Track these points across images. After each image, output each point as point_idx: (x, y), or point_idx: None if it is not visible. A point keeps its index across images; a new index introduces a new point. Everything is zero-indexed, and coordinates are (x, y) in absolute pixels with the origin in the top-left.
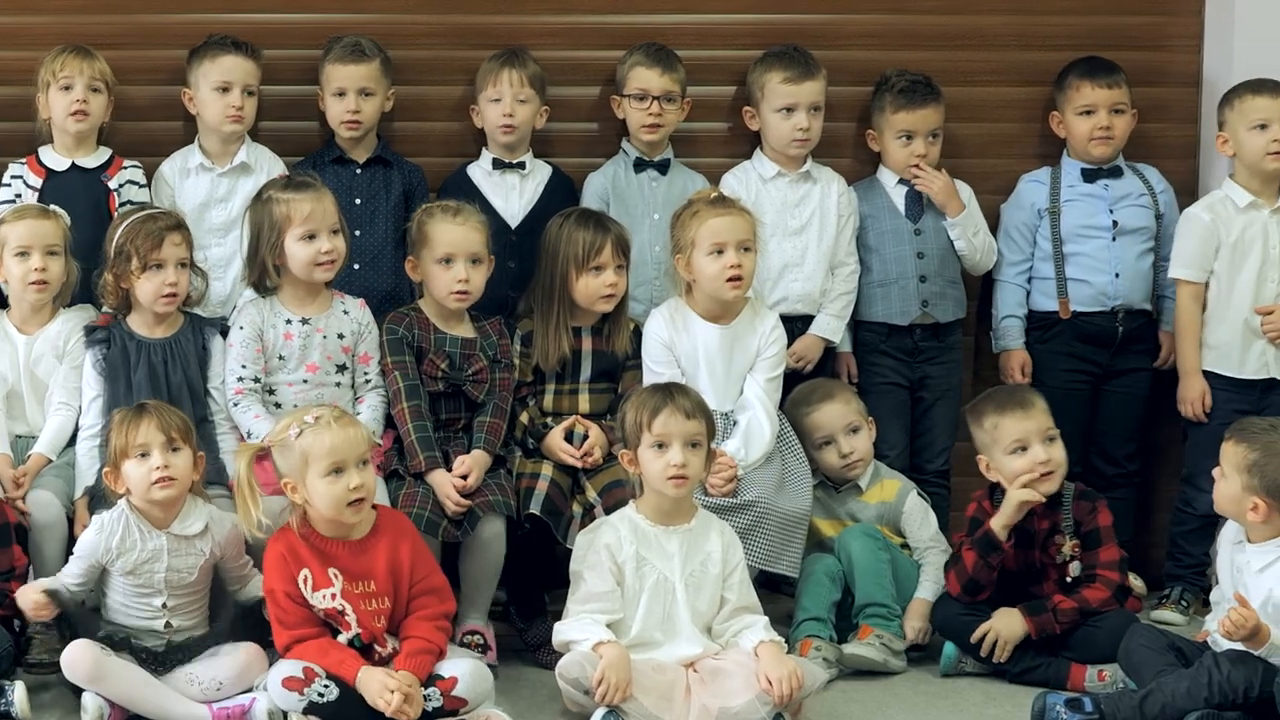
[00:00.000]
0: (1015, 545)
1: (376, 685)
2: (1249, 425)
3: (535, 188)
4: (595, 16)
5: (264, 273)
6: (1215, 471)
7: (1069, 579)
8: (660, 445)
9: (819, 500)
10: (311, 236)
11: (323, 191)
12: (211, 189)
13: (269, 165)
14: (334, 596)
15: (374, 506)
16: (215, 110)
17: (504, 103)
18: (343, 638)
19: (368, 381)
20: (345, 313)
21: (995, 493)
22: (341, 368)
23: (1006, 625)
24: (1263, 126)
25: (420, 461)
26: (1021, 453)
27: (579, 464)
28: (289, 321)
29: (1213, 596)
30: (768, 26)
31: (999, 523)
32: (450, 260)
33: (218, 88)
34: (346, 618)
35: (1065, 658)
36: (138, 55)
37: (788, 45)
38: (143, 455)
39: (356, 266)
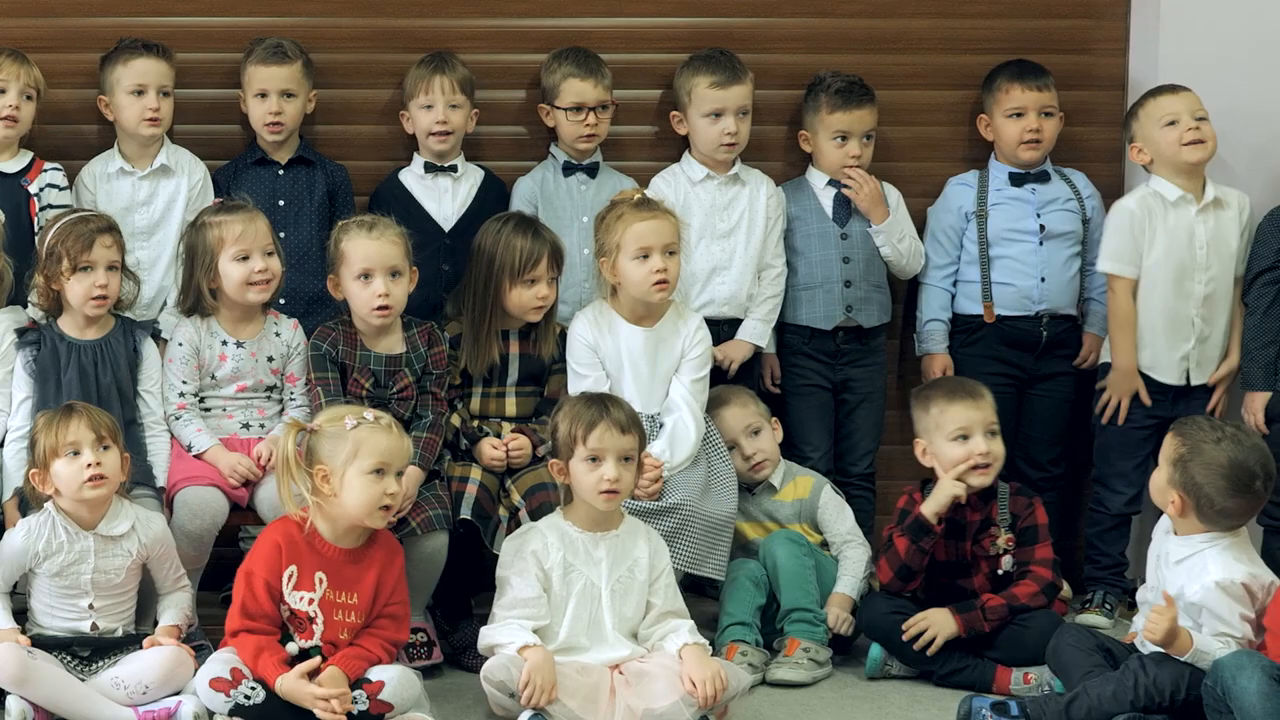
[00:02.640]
0: (946, 536)
1: (308, 699)
2: (1193, 421)
3: (468, 191)
4: (521, 20)
5: (199, 297)
6: (1159, 458)
7: (1000, 572)
8: (594, 459)
9: (740, 507)
10: (245, 257)
11: (255, 213)
12: (133, 193)
13: (189, 167)
14: (310, 602)
15: None
16: (132, 114)
17: (436, 109)
18: (295, 645)
19: (293, 399)
20: (277, 334)
21: (926, 487)
22: (271, 388)
23: (938, 620)
24: (1173, 123)
25: None
26: (963, 441)
27: (501, 463)
28: (224, 343)
29: (1139, 595)
30: (694, 30)
31: (930, 509)
32: (369, 276)
33: (132, 91)
34: (314, 626)
35: (991, 659)
36: (60, 59)
37: (714, 49)
38: (74, 453)
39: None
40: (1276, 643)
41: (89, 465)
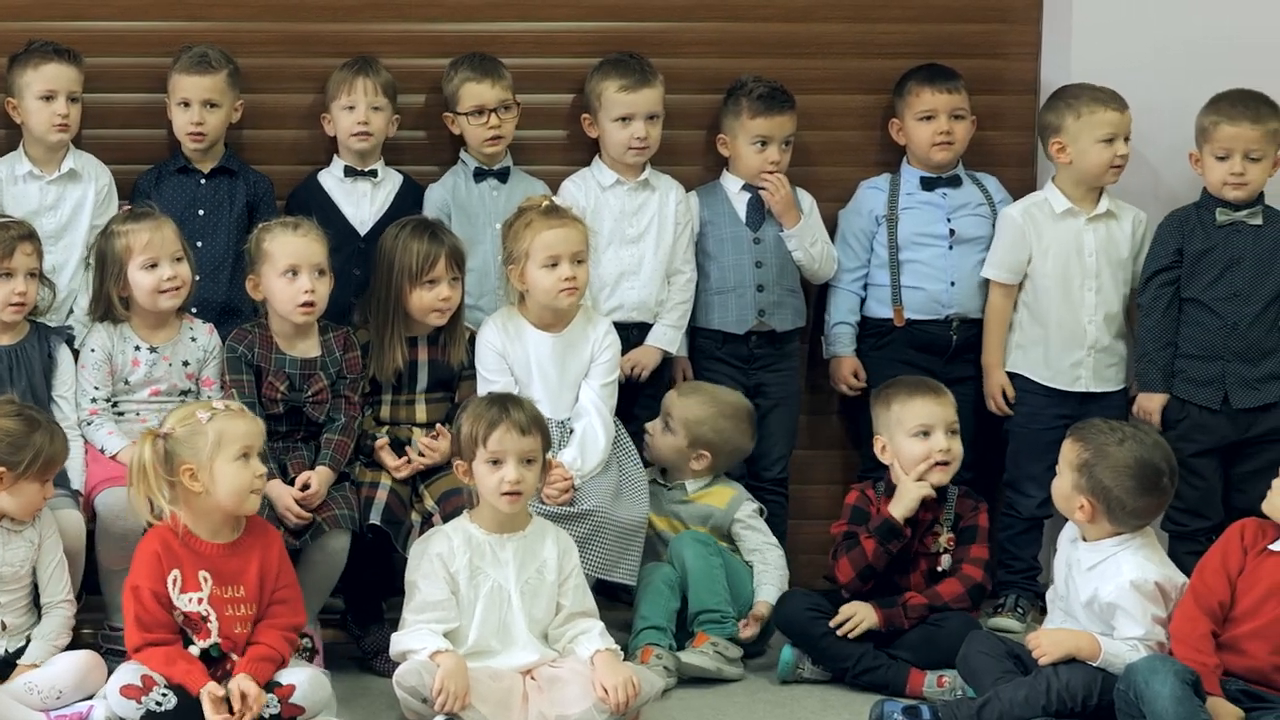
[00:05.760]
0: None
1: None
2: (1090, 425)
3: (386, 196)
4: (433, 24)
5: (110, 305)
6: (1058, 467)
7: (940, 570)
8: (495, 461)
9: (650, 495)
10: (153, 265)
11: (162, 220)
12: (41, 197)
13: (97, 172)
14: (200, 601)
15: None
16: (41, 119)
17: (358, 111)
18: (195, 647)
19: (209, 400)
20: (193, 339)
21: (877, 484)
22: (185, 393)
23: (862, 611)
24: (1110, 140)
25: None
26: (924, 437)
27: (400, 473)
28: (137, 348)
29: (1048, 596)
30: (606, 34)
31: (899, 511)
32: (295, 272)
33: (42, 96)
34: (209, 624)
35: (904, 660)
36: None
37: (624, 53)
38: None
39: (197, 278)
40: (1181, 648)
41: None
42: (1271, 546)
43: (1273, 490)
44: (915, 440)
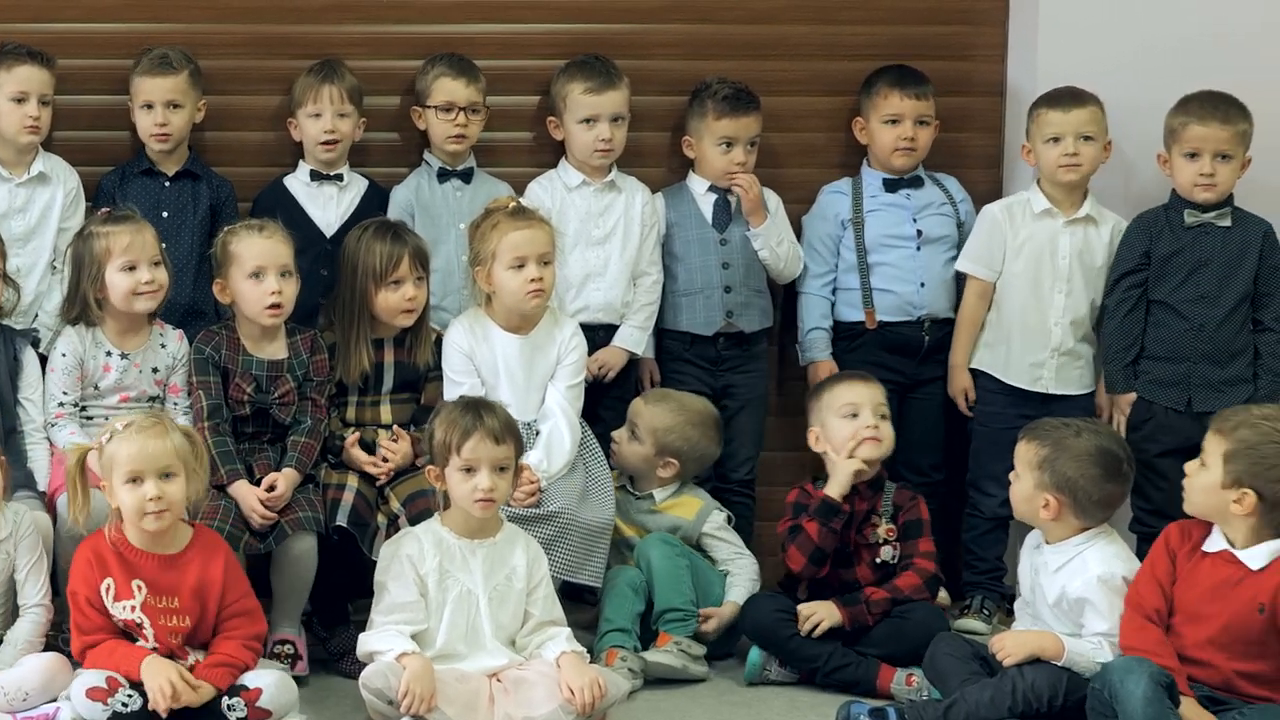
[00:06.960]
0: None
1: (159, 677)
2: (1041, 424)
3: (352, 199)
4: (400, 26)
5: (85, 307)
6: (1011, 475)
7: (878, 560)
8: (468, 469)
9: (618, 503)
10: (131, 268)
11: (142, 224)
12: (10, 199)
13: (65, 175)
14: (133, 609)
15: (191, 523)
16: (12, 121)
17: (325, 118)
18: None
19: (176, 406)
20: (163, 346)
21: (816, 482)
22: (154, 399)
23: (824, 610)
24: (1055, 140)
25: (221, 475)
26: (853, 418)
27: (379, 474)
28: (109, 354)
29: (1016, 606)
30: (572, 36)
31: (835, 490)
32: (261, 274)
33: (14, 98)
34: (144, 631)
35: (873, 655)
36: None
37: (589, 55)
38: None
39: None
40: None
41: None
42: (1205, 548)
43: (1185, 489)
44: (845, 421)
